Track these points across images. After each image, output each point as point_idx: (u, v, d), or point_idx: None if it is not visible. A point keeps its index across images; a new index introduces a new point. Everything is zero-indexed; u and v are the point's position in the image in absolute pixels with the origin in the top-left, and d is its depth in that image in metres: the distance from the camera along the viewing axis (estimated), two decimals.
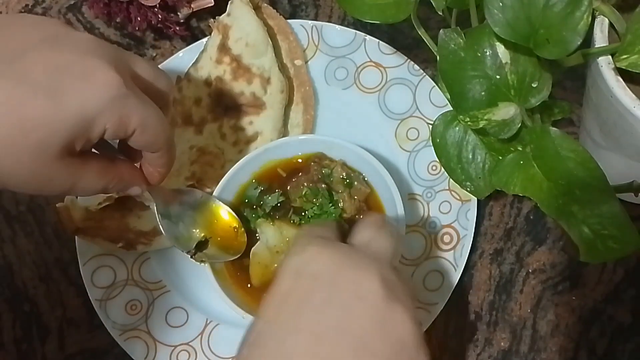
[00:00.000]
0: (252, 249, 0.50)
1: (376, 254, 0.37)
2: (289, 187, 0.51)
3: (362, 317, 0.32)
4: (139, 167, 0.43)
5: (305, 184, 0.50)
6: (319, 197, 0.50)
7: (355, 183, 0.51)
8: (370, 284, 0.33)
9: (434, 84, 0.57)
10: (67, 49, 0.34)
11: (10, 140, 0.32)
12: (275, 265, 0.49)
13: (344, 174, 0.51)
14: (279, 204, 0.51)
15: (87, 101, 0.33)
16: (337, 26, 0.60)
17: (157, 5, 0.61)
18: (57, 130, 0.33)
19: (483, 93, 0.49)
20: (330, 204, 0.50)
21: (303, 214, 0.50)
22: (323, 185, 0.50)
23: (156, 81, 0.40)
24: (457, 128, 0.52)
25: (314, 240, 0.36)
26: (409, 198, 0.55)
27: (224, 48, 0.56)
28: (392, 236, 0.39)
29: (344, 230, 0.48)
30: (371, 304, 0.33)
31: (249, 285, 0.49)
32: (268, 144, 0.53)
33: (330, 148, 0.52)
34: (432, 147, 0.53)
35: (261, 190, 0.51)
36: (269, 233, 0.50)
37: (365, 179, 0.52)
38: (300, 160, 0.53)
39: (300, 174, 0.51)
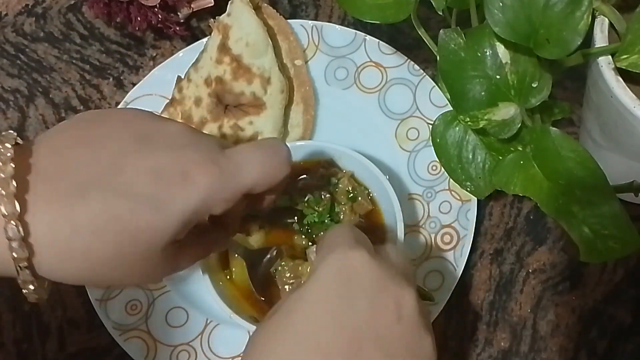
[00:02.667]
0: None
1: (408, 277, 0.37)
2: (293, 190, 0.51)
3: (400, 337, 0.33)
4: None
5: (310, 189, 0.50)
6: (320, 205, 0.50)
7: (360, 198, 0.50)
8: (409, 305, 0.34)
9: (434, 84, 0.57)
10: (161, 148, 0.34)
11: (121, 253, 0.33)
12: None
13: (350, 187, 0.50)
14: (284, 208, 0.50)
15: (188, 202, 0.34)
16: (337, 26, 0.60)
17: (157, 5, 0.61)
18: (163, 234, 0.34)
19: (483, 93, 0.49)
20: (329, 215, 0.50)
21: (304, 222, 0.50)
22: (327, 195, 0.50)
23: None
24: (457, 128, 0.52)
25: (357, 245, 0.35)
26: (408, 198, 0.55)
27: (224, 48, 0.56)
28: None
29: None
30: (408, 327, 0.34)
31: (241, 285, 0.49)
32: None
33: (340, 157, 0.52)
34: (432, 147, 0.53)
35: None
36: (256, 236, 0.50)
37: (371, 195, 0.51)
38: (307, 165, 0.52)
39: (306, 177, 0.51)
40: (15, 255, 0.31)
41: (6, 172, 0.31)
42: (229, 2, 0.57)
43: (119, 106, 0.59)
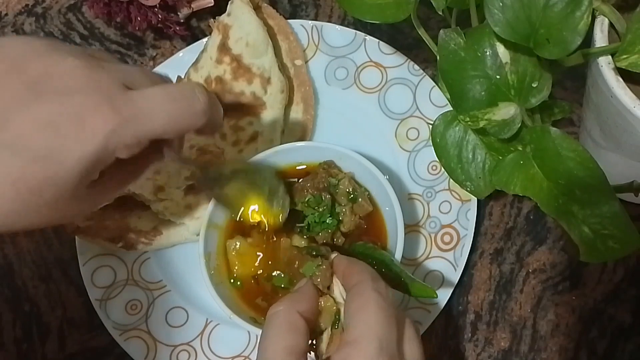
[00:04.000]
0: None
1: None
2: (294, 189, 0.51)
3: None
4: None
5: (311, 190, 0.50)
6: (321, 206, 0.50)
7: (360, 200, 0.50)
8: None
9: (434, 84, 0.57)
10: (51, 96, 0.33)
11: (27, 203, 0.33)
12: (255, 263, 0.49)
13: (351, 188, 0.50)
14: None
15: (85, 147, 0.33)
16: (337, 26, 0.60)
17: (157, 5, 0.61)
18: (66, 182, 0.33)
19: (483, 93, 0.49)
20: (330, 215, 0.50)
21: (304, 222, 0.50)
22: (328, 195, 0.50)
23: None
24: (457, 128, 0.52)
25: (392, 332, 0.35)
26: (408, 198, 0.55)
27: (224, 48, 0.56)
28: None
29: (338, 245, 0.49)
30: None
31: (238, 283, 0.49)
32: (280, 147, 0.52)
33: (340, 158, 0.51)
34: (432, 147, 0.53)
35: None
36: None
37: (371, 196, 0.51)
38: (308, 166, 0.52)
39: (307, 177, 0.51)
40: None
41: None
42: (229, 2, 0.57)
43: None
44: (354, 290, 0.37)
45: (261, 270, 0.48)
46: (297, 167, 0.52)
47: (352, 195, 0.50)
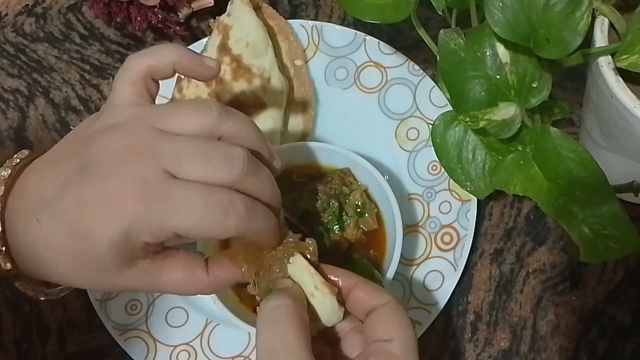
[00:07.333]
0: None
1: None
2: (304, 190, 0.51)
3: None
4: None
5: (321, 194, 0.50)
6: (328, 212, 0.49)
7: (367, 215, 0.50)
8: None
9: (434, 84, 0.57)
10: (93, 178, 0.36)
11: (74, 269, 0.37)
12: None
13: (361, 202, 0.50)
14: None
15: (110, 230, 0.35)
16: (337, 26, 0.60)
17: (157, 5, 0.61)
18: (102, 259, 0.36)
19: (483, 93, 0.49)
20: (337, 223, 0.49)
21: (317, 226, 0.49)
22: (336, 204, 0.50)
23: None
24: (457, 128, 0.52)
25: None
26: (408, 198, 0.55)
27: (224, 48, 0.56)
28: None
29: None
30: None
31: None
32: (298, 144, 0.51)
33: (354, 166, 0.51)
34: (432, 147, 0.53)
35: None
36: None
37: (379, 213, 0.50)
38: (324, 168, 0.52)
39: (321, 181, 0.50)
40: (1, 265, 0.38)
41: None
42: (229, 2, 0.57)
43: None
44: (389, 306, 0.37)
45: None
46: (308, 167, 0.52)
47: (360, 209, 0.50)
